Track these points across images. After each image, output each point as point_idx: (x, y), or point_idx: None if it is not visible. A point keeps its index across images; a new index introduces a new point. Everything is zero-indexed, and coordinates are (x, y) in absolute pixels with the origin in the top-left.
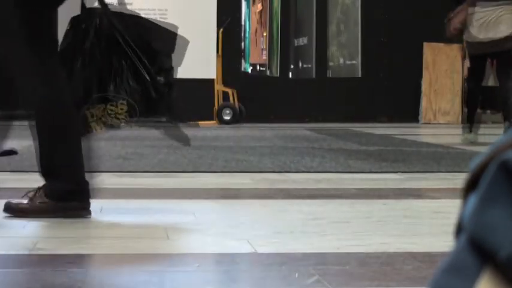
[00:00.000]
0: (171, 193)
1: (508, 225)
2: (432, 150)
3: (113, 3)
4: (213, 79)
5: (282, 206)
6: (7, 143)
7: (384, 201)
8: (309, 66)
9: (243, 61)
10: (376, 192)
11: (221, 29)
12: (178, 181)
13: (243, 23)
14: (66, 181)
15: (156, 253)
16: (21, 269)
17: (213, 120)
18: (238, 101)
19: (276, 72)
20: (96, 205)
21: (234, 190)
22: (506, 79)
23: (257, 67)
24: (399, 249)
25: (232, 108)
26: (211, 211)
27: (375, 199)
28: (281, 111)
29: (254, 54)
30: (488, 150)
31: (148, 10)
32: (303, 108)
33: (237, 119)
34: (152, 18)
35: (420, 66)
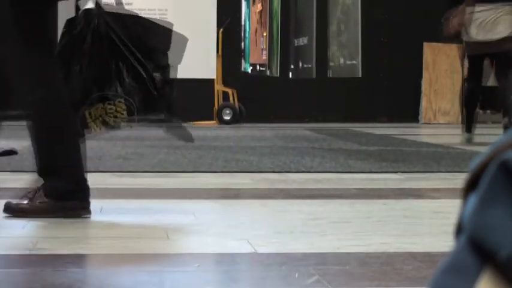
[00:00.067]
0: (171, 193)
1: (508, 225)
2: (432, 150)
3: (111, 3)
4: (213, 79)
5: (282, 206)
6: (3, 143)
7: (384, 201)
8: (309, 66)
9: (243, 61)
10: (376, 192)
11: (221, 29)
12: (178, 181)
13: (243, 23)
14: (65, 181)
15: (156, 253)
16: (21, 269)
17: (213, 120)
18: (238, 101)
19: (276, 72)
20: (96, 205)
21: (234, 190)
22: (505, 79)
23: (257, 67)
24: (399, 249)
25: (232, 108)
26: (211, 211)
27: (375, 199)
28: (281, 111)
29: (254, 54)
30: (488, 150)
31: (148, 10)
32: (303, 108)
33: (237, 119)
34: (152, 18)
35: (420, 66)
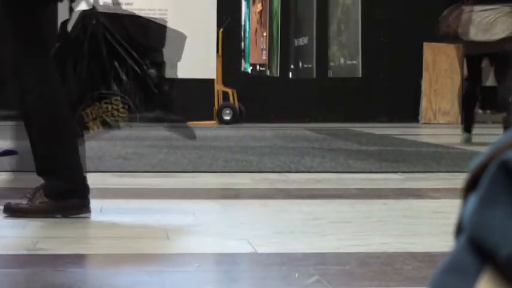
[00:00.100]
0: (171, 193)
1: (508, 225)
2: (432, 150)
3: (108, 3)
4: (213, 79)
5: (282, 206)
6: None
7: (384, 201)
8: (309, 66)
9: (243, 61)
10: (376, 192)
11: (221, 29)
12: (178, 181)
13: (243, 23)
14: (65, 180)
15: (156, 253)
16: (21, 269)
17: (213, 120)
18: (238, 101)
19: (276, 72)
20: (96, 205)
21: (234, 190)
22: (504, 80)
23: (257, 67)
24: (399, 249)
25: (232, 108)
26: (211, 211)
27: (375, 199)
28: (281, 111)
29: (254, 54)
30: (488, 150)
31: (148, 10)
32: (303, 108)
33: (237, 119)
34: (147, 16)
35: (420, 66)
